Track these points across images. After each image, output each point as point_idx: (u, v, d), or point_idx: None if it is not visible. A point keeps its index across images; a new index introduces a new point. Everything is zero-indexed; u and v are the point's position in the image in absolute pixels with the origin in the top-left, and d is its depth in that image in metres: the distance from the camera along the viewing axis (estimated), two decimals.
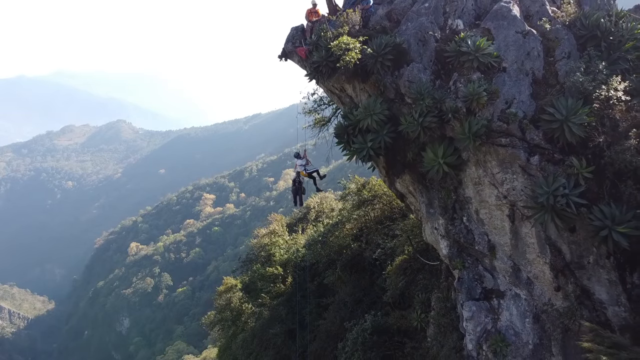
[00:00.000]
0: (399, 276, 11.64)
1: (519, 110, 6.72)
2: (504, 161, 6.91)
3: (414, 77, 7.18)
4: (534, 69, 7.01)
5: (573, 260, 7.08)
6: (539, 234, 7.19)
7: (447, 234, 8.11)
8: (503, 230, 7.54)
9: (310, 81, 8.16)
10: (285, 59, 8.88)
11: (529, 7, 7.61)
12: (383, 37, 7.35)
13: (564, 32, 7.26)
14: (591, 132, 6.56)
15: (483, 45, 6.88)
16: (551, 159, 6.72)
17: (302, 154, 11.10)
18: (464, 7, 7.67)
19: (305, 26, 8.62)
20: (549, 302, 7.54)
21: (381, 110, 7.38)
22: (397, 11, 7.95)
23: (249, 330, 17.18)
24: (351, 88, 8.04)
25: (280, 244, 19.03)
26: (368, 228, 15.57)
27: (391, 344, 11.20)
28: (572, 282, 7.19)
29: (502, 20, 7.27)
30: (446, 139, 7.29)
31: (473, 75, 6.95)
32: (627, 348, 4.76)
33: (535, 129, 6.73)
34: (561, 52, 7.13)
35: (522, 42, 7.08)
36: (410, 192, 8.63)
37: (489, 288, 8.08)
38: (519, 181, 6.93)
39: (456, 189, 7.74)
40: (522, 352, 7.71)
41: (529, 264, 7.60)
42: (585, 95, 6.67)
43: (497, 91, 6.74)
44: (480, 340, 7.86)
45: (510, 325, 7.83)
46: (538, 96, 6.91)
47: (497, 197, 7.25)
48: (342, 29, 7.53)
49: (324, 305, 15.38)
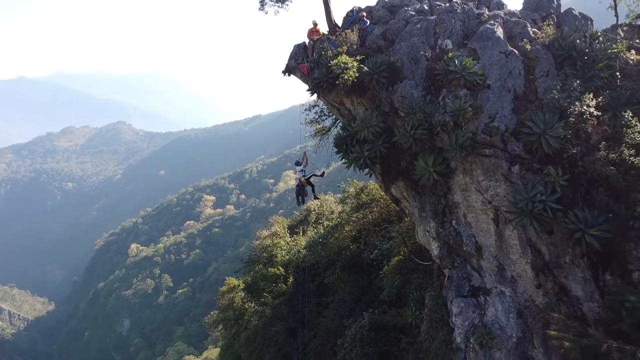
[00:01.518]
0: (395, 276, 12.31)
1: (501, 124, 7.41)
2: (488, 170, 7.60)
3: (407, 93, 7.88)
4: (515, 86, 7.71)
5: (551, 260, 7.76)
6: (520, 236, 7.87)
7: (438, 236, 8.79)
8: (488, 233, 8.22)
9: (311, 95, 8.85)
10: (289, 74, 9.56)
11: (512, 28, 8.32)
12: (378, 56, 8.05)
13: (543, 52, 7.97)
14: (566, 144, 7.25)
15: (469, 64, 7.58)
16: (530, 168, 7.41)
17: (302, 159, 11.72)
18: (452, 28, 8.38)
19: (307, 44, 9.31)
20: (530, 299, 8.21)
21: (377, 123, 8.07)
22: (392, 31, 8.66)
23: (252, 329, 17.80)
24: (349, 102, 8.73)
25: (282, 245, 19.68)
26: (366, 230, 16.23)
27: (388, 340, 11.84)
28: (551, 280, 7.87)
29: (487, 41, 7.97)
30: (436, 149, 7.98)
31: (460, 92, 7.64)
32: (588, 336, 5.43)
33: (516, 141, 7.42)
34: (540, 71, 7.84)
35: (505, 62, 7.79)
36: (404, 197, 9.31)
37: (476, 286, 8.75)
38: (501, 188, 7.61)
39: (446, 195, 8.43)
40: (506, 344, 8.37)
41: (512, 263, 8.28)
42: (561, 110, 7.38)
43: (482, 106, 7.44)
44: (468, 334, 8.52)
45: (496, 320, 8.49)
46: (519, 111, 7.61)
47: (482, 202, 7.93)
48: (341, 48, 8.23)
49: (324, 304, 16.01)
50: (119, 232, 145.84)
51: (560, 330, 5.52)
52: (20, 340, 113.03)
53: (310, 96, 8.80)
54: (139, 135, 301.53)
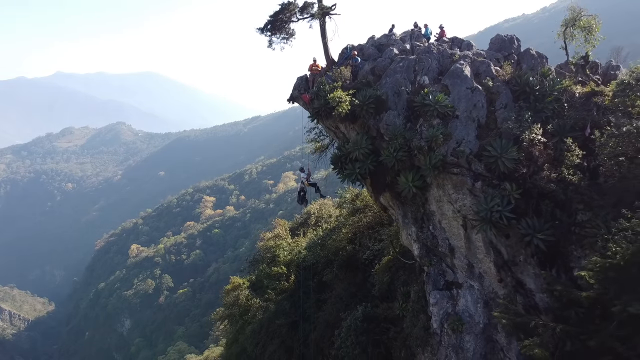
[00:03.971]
0: (385, 273, 13.98)
1: (466, 148, 9.11)
2: (457, 185, 9.29)
3: (391, 121, 9.58)
4: (479, 116, 9.41)
5: (509, 258, 9.46)
6: (484, 239, 9.56)
7: (418, 238, 10.48)
8: (459, 236, 9.90)
9: (312, 121, 10.53)
10: (293, 102, 11.24)
11: (478, 67, 10.03)
12: (368, 90, 9.75)
13: (502, 88, 9.68)
14: (519, 165, 8.95)
15: (441, 99, 9.28)
16: (490, 184, 9.10)
17: (306, 169, 13.51)
18: (429, 66, 10.08)
19: (308, 76, 10.98)
20: (494, 291, 9.91)
21: (366, 145, 9.77)
22: (379, 68, 10.36)
23: (257, 322, 19.44)
24: (343, 127, 10.42)
25: (284, 246, 21.34)
26: (361, 232, 17.88)
27: (379, 330, 13.47)
28: (510, 276, 9.56)
29: (456, 79, 9.68)
30: (415, 167, 9.67)
31: (434, 121, 9.34)
32: (521, 315, 7.11)
33: (478, 162, 9.11)
34: (500, 104, 9.55)
35: (471, 96, 9.49)
36: (390, 206, 11.00)
37: (450, 280, 10.44)
38: (467, 200, 9.30)
39: (423, 205, 10.12)
40: (474, 329, 10.06)
41: (479, 262, 9.97)
42: (515, 137, 9.08)
43: (450, 134, 9.14)
44: (442, 321, 10.20)
45: (466, 309, 10.18)
46: (481, 137, 9.31)
47: (453, 211, 9.62)
48: (336, 83, 9.91)
49: (322, 299, 17.65)
50: (119, 232, 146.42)
51: (502, 312, 7.20)
52: (21, 341, 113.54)
53: (311, 121, 10.47)
54: (139, 136, 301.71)
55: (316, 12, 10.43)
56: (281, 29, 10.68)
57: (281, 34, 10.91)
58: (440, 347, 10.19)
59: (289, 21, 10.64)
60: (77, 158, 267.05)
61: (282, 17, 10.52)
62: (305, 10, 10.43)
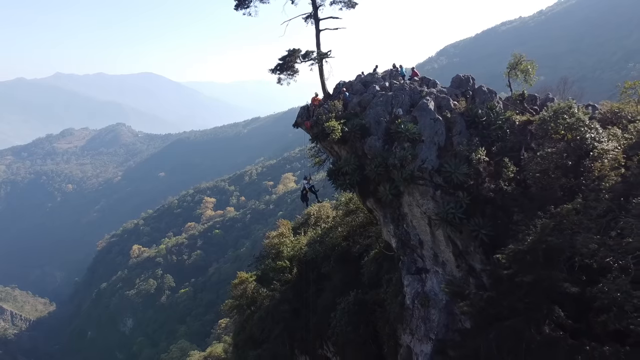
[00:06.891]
0: (372, 264, 16.90)
1: (429, 165, 12.05)
2: (422, 193, 12.22)
3: (372, 144, 12.51)
4: (439, 141, 12.35)
5: (463, 249, 12.37)
6: (444, 234, 12.47)
7: (395, 234, 13.40)
8: (426, 232, 12.81)
9: (312, 143, 13.49)
10: (297, 127, 14.23)
11: (440, 101, 12.99)
12: (355, 120, 12.68)
13: (458, 118, 12.63)
14: (468, 178, 11.87)
15: (411, 127, 12.22)
16: (447, 192, 12.02)
17: (309, 177, 16.56)
18: (402, 101, 13.04)
19: (309, 106, 13.94)
20: (453, 275, 12.81)
21: (354, 162, 12.70)
22: (364, 101, 13.33)
23: (264, 309, 22.31)
24: (337, 147, 13.36)
25: (287, 244, 24.26)
26: (354, 231, 20.80)
27: (368, 311, 16.35)
28: (464, 262, 12.48)
29: (423, 111, 12.62)
30: (391, 179, 12.59)
31: (405, 144, 12.27)
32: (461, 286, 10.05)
33: (438, 175, 12.04)
34: (456, 131, 12.50)
35: (433, 125, 12.43)
36: (374, 209, 13.94)
37: (420, 267, 13.36)
38: (431, 204, 12.22)
39: (399, 208, 13.05)
40: (439, 305, 12.95)
41: (442, 252, 12.88)
42: (466, 157, 12.01)
43: (417, 154, 12.08)
44: (414, 299, 13.10)
45: (432, 289, 13.08)
46: (441, 157, 12.25)
47: (420, 213, 12.54)
48: (331, 114, 12.85)
49: (321, 288, 20.51)
50: (120, 233, 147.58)
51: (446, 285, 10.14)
52: (23, 341, 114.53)
53: (311, 143, 13.43)
54: (139, 137, 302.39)
55: (315, 58, 13.38)
56: (288, 69, 13.64)
57: (287, 72, 13.86)
58: (412, 319, 13.09)
59: (294, 63, 13.59)
60: (77, 159, 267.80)
61: (289, 60, 13.48)
62: (307, 56, 13.38)
